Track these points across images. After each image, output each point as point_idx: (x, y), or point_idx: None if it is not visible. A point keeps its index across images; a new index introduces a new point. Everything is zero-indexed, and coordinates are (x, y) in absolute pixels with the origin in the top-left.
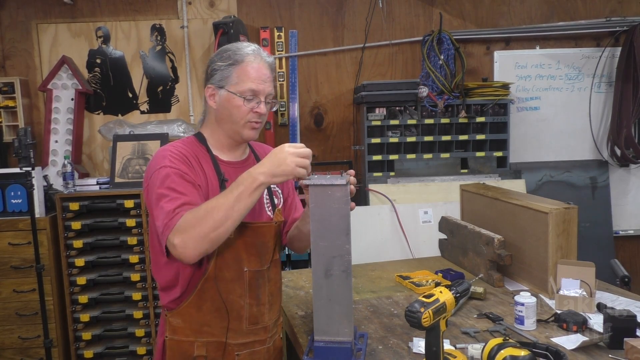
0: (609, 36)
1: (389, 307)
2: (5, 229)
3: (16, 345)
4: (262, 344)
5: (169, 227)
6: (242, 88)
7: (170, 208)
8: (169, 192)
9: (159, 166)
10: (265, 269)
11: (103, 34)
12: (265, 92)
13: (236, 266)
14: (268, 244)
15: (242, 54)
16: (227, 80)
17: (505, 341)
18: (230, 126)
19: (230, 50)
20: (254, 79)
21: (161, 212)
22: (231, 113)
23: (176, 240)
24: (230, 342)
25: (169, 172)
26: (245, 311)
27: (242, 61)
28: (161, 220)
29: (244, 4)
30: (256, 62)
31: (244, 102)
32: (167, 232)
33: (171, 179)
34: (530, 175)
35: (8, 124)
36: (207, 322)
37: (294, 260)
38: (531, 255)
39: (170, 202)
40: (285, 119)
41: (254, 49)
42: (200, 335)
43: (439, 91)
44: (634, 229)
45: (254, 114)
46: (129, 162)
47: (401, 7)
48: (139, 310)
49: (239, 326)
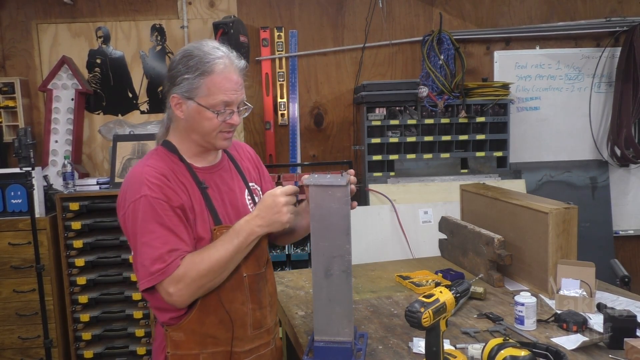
0: (609, 36)
1: (389, 307)
2: (5, 229)
3: (16, 345)
4: (267, 347)
5: (165, 274)
6: (213, 101)
7: (162, 250)
8: (155, 229)
9: (138, 195)
10: (263, 271)
11: (103, 34)
12: (237, 102)
13: (235, 274)
14: (262, 245)
15: (211, 62)
16: (196, 92)
17: (505, 341)
18: (201, 137)
19: (196, 56)
20: (226, 90)
21: (151, 251)
22: (202, 125)
23: (172, 289)
24: (236, 350)
25: (151, 202)
26: (249, 317)
27: (212, 72)
28: (152, 261)
29: (244, 4)
30: (227, 70)
31: (217, 115)
32: (162, 278)
33: (155, 212)
34: (530, 175)
35: (8, 124)
36: (212, 334)
37: (294, 261)
38: (531, 255)
39: (159, 242)
40: (285, 119)
41: (223, 53)
42: (205, 347)
43: (439, 91)
44: (634, 229)
45: (226, 125)
46: (129, 162)
47: (401, 7)
48: (139, 310)
49: (244, 333)
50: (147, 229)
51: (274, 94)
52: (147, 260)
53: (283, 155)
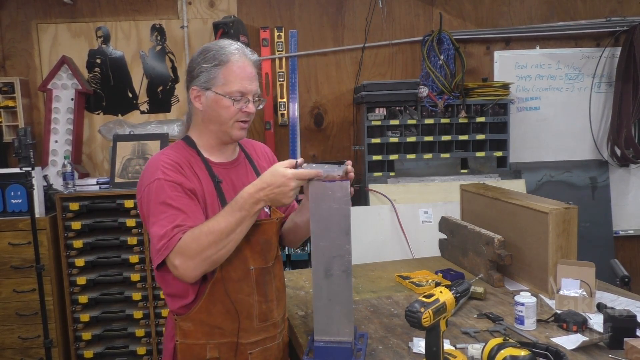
0: (609, 36)
1: (389, 307)
2: (5, 229)
3: (16, 345)
4: (273, 340)
5: (168, 248)
6: (230, 89)
7: (168, 227)
8: (166, 209)
9: (152, 179)
10: (270, 266)
11: (103, 34)
12: (252, 91)
13: (242, 266)
14: (271, 240)
15: (227, 53)
16: (214, 82)
17: (505, 341)
18: (219, 127)
19: (213, 50)
20: (242, 79)
21: (159, 229)
22: (219, 114)
23: (177, 261)
24: (242, 342)
25: (163, 184)
26: (255, 309)
27: (228, 61)
28: (158, 239)
29: (244, 4)
30: (241, 60)
31: (233, 103)
32: (166, 253)
33: (166, 194)
34: (530, 175)
35: (8, 124)
36: (219, 325)
37: (294, 261)
38: (531, 255)
39: (167, 220)
40: (285, 119)
41: (238, 47)
42: (212, 338)
43: (439, 91)
44: (634, 229)
45: (242, 114)
46: (129, 162)
47: (401, 7)
48: (139, 310)
49: (250, 325)
50: (158, 209)
51: (274, 94)
52: (156, 239)
53: (283, 156)
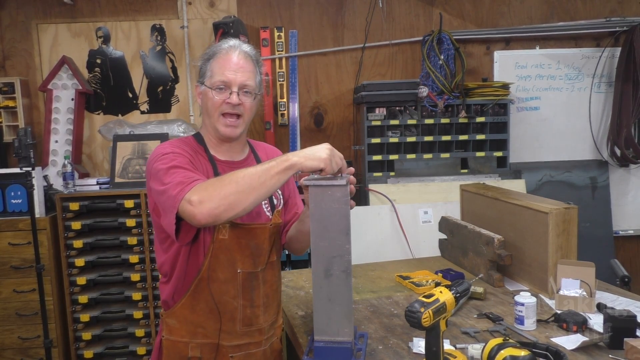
0: (609, 36)
1: (389, 307)
2: (5, 229)
3: (16, 345)
4: (258, 346)
5: (185, 190)
6: (214, 80)
7: (186, 175)
8: (177, 171)
9: (160, 154)
10: (259, 271)
11: (103, 34)
12: (237, 82)
13: (230, 267)
14: (262, 245)
15: (218, 48)
16: (205, 76)
17: (505, 341)
18: (210, 121)
19: (211, 47)
20: (226, 69)
21: (175, 177)
22: (207, 107)
23: (194, 197)
24: (223, 344)
25: (172, 157)
26: (239, 313)
27: (216, 54)
28: (174, 186)
29: (244, 4)
30: (230, 53)
31: (215, 93)
32: (183, 194)
33: (178, 160)
34: (530, 175)
35: (8, 124)
36: (201, 324)
37: (294, 261)
38: (531, 255)
39: (183, 173)
40: (285, 119)
41: (233, 43)
42: (194, 337)
43: (439, 91)
44: (634, 229)
45: (226, 105)
46: (129, 162)
47: (401, 7)
48: (139, 310)
49: (232, 328)
50: (168, 172)
51: (274, 94)
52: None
53: None
